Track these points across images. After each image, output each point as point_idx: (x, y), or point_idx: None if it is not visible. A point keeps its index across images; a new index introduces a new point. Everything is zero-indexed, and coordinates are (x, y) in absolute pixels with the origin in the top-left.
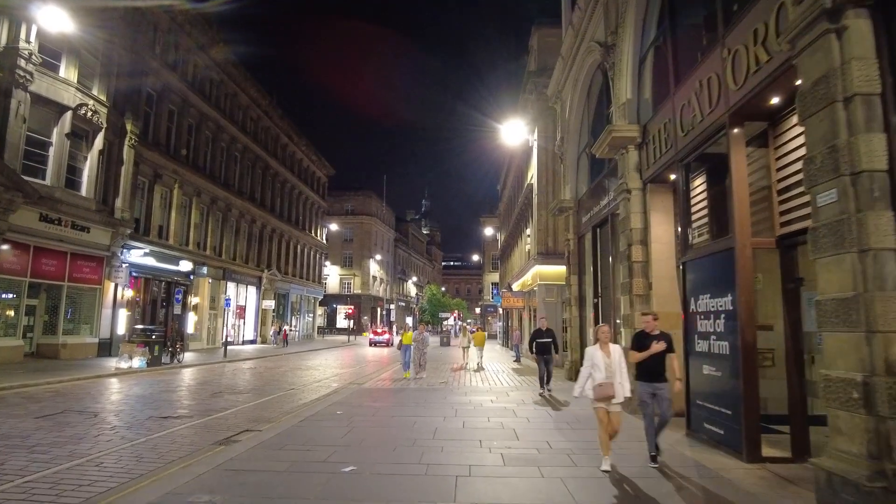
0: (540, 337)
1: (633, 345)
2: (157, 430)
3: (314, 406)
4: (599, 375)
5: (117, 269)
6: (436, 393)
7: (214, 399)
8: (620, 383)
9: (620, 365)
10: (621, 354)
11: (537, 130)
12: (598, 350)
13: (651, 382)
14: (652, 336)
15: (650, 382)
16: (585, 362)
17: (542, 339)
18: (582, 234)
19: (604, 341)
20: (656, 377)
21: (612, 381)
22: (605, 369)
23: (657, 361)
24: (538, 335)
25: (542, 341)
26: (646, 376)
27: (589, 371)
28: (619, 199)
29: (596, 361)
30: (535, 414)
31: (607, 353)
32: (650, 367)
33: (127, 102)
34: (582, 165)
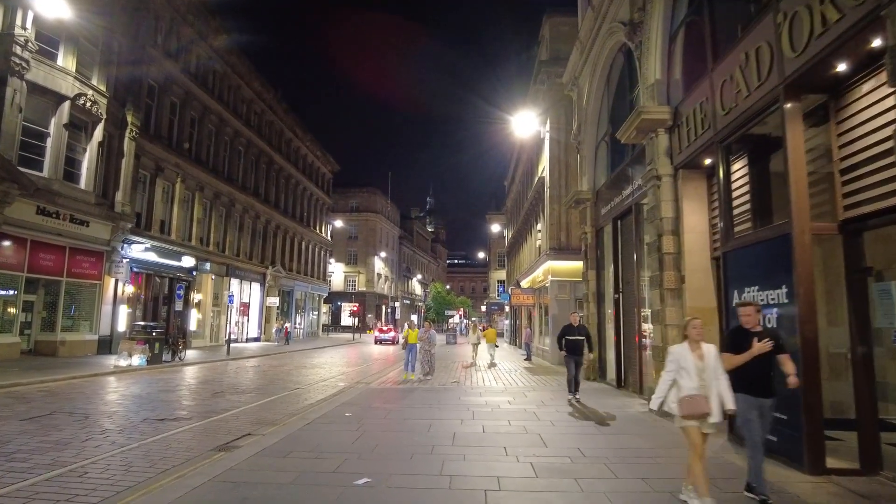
0: (570, 334)
1: (727, 345)
2: (151, 435)
3: (321, 407)
4: (689, 384)
5: (118, 265)
6: (449, 393)
7: (216, 399)
8: (719, 395)
9: (717, 371)
10: (718, 357)
11: (549, 121)
12: (687, 351)
13: (755, 396)
14: (753, 333)
15: (754, 395)
16: (669, 365)
17: (572, 336)
18: (601, 227)
19: (695, 339)
20: (762, 389)
21: (705, 394)
22: (696, 376)
23: (762, 367)
24: (568, 331)
25: (573, 339)
26: (747, 387)
27: (673, 377)
28: (647, 186)
29: (685, 365)
30: (558, 417)
31: (700, 356)
32: (753, 375)
33: (128, 93)
34: (600, 155)
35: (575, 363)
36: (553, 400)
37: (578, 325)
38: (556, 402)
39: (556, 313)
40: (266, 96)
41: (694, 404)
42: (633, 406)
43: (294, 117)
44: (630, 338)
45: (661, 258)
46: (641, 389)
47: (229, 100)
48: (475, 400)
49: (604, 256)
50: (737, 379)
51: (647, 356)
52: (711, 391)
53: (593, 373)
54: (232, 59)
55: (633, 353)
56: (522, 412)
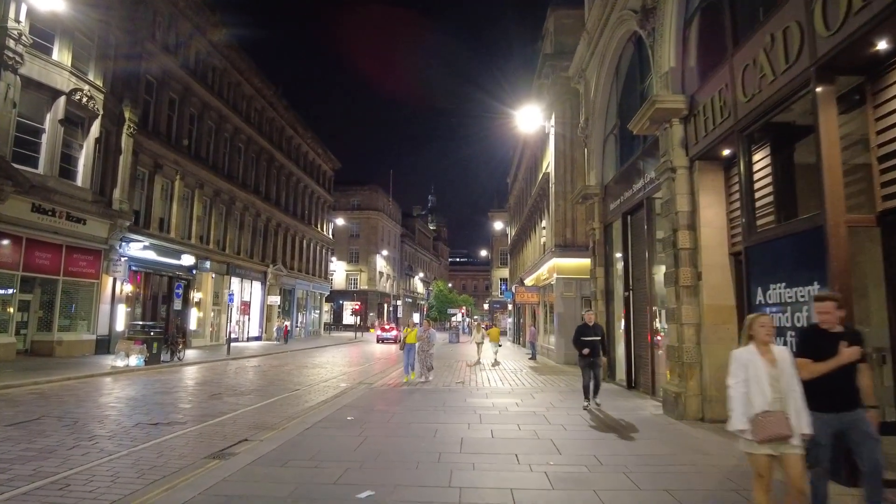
0: (586, 334)
1: (803, 349)
2: (142, 441)
3: (321, 410)
4: (761, 399)
5: (116, 263)
6: (454, 394)
7: (213, 401)
8: (797, 412)
9: (792, 382)
10: (792, 364)
11: (554, 116)
12: (756, 355)
13: (835, 412)
14: (835, 334)
15: (835, 412)
16: (735, 375)
17: (588, 336)
18: (609, 223)
19: (763, 341)
20: (845, 402)
21: (783, 410)
22: (770, 387)
23: (846, 376)
24: (583, 332)
25: (588, 340)
26: (824, 401)
27: (743, 390)
28: (660, 179)
29: (755, 373)
30: (569, 420)
31: (771, 361)
32: (833, 386)
33: (125, 89)
34: (609, 149)
35: (591, 366)
36: (562, 402)
37: (593, 325)
38: (566, 404)
39: (561, 311)
40: (266, 93)
41: (772, 424)
42: (647, 408)
43: (295, 114)
44: (641, 337)
45: (677, 254)
46: (654, 390)
47: (229, 96)
48: (482, 402)
49: (613, 253)
50: (811, 392)
51: (659, 356)
52: (789, 406)
53: (603, 373)
54: (232, 54)
55: (645, 353)
56: (532, 415)
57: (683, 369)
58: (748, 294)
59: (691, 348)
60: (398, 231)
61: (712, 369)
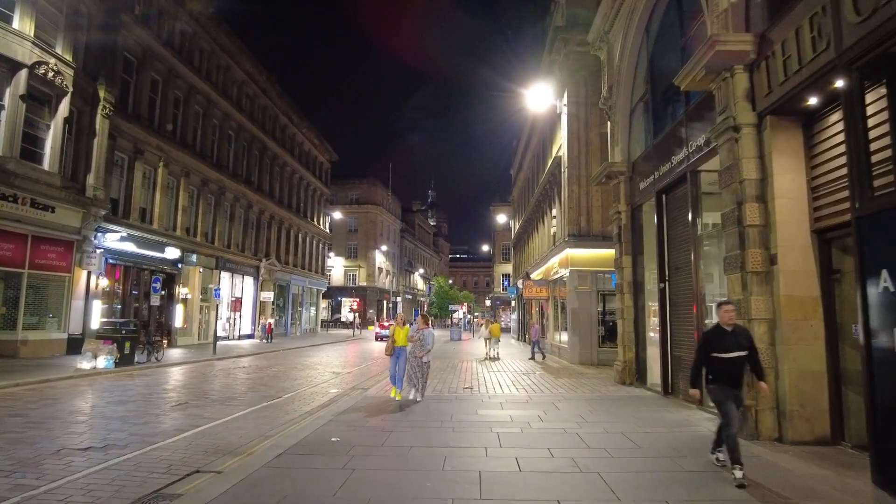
0: (723, 345)
1: None
2: (53, 477)
3: (302, 426)
4: None
5: (90, 255)
6: (463, 404)
7: (173, 414)
8: None
9: None
10: None
11: (566, 94)
12: None
13: None
14: None
15: None
16: None
17: (726, 349)
18: (638, 205)
19: None
20: None
21: None
22: None
23: None
24: (719, 341)
25: (728, 358)
26: None
27: None
28: (718, 142)
29: None
30: (611, 442)
31: None
32: None
33: (100, 66)
34: (637, 121)
35: (733, 400)
36: (594, 414)
37: (732, 329)
38: (599, 416)
39: (575, 307)
40: (259, 78)
41: None
42: (699, 423)
43: (289, 102)
44: (682, 335)
45: (742, 232)
46: (701, 400)
47: (218, 80)
48: (497, 415)
49: (642, 239)
50: None
51: None
52: None
53: (629, 375)
54: (220, 37)
55: (689, 354)
56: (562, 434)
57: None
58: (862, 281)
59: (763, 350)
60: (398, 226)
61: (792, 376)
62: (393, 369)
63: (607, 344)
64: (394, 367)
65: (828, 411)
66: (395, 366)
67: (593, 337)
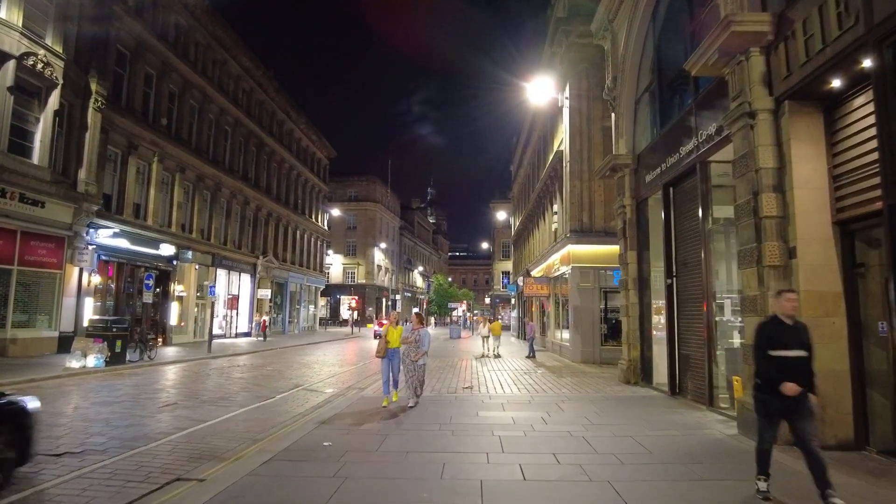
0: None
1: None
2: (18, 489)
3: (294, 429)
4: None
5: (82, 252)
6: (462, 405)
7: (160, 415)
8: None
9: None
10: None
11: (568, 87)
12: None
13: None
14: None
15: None
16: None
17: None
18: (644, 198)
19: None
20: None
21: None
22: None
23: None
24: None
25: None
26: None
27: None
28: (731, 129)
29: None
30: (620, 447)
31: None
32: None
33: (92, 58)
34: (642, 112)
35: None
36: (600, 416)
37: (794, 324)
38: (607, 419)
39: (577, 304)
40: (255, 73)
41: None
42: (711, 425)
43: (286, 97)
44: (690, 333)
45: (759, 224)
46: (711, 400)
47: (214, 75)
48: (498, 416)
49: (647, 234)
50: None
51: (719, 356)
52: None
53: (634, 375)
54: (216, 30)
55: (698, 353)
56: (567, 438)
57: None
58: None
59: None
60: (397, 223)
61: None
62: (386, 373)
63: (610, 342)
64: (386, 370)
65: (851, 414)
66: (387, 370)
67: (596, 335)
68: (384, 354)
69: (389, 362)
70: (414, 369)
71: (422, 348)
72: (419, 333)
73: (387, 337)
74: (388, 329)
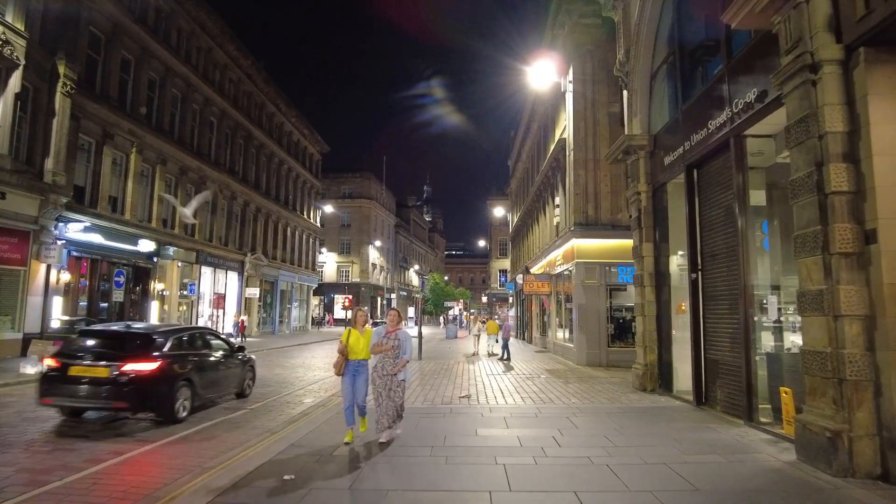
0: None
1: None
2: None
3: (250, 456)
4: None
5: (49, 247)
6: (460, 420)
7: (101, 435)
8: None
9: None
10: None
11: (572, 71)
12: None
13: None
14: None
15: None
16: None
17: None
18: (661, 184)
19: None
20: None
21: None
22: None
23: None
24: None
25: None
26: None
27: None
28: (786, 89)
29: None
30: (656, 479)
31: None
32: None
33: (60, 39)
34: (659, 88)
35: None
36: (622, 433)
37: None
38: (629, 437)
39: (582, 303)
40: (243, 62)
41: None
42: (757, 447)
43: (276, 89)
44: (720, 334)
45: (824, 203)
46: (750, 414)
47: (199, 63)
48: (501, 436)
49: (667, 223)
50: None
51: (755, 361)
52: None
53: (651, 381)
54: (200, 15)
55: (731, 357)
56: (588, 467)
57: (844, 391)
58: None
59: (857, 357)
60: (392, 221)
61: None
62: (349, 397)
63: (617, 343)
64: (349, 393)
65: None
66: (352, 391)
67: (602, 336)
68: (344, 370)
69: (353, 381)
70: (389, 388)
71: (402, 356)
72: (398, 337)
73: (348, 345)
74: (350, 335)
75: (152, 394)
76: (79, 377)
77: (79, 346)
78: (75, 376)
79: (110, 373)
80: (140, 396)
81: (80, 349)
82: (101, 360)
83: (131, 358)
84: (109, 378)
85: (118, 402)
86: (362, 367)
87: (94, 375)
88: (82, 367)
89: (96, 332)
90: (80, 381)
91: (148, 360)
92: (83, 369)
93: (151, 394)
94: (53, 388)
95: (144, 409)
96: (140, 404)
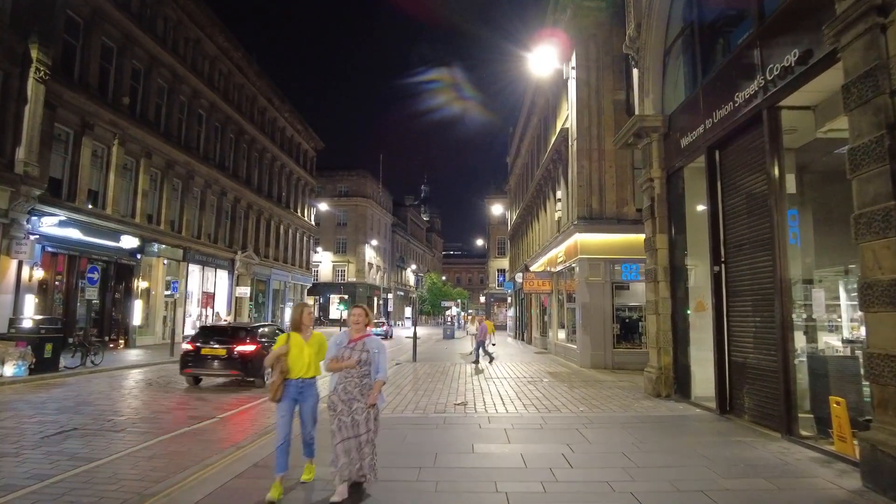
0: None
1: None
2: None
3: (205, 478)
4: None
5: (20, 242)
6: (454, 433)
7: (42, 449)
8: None
9: None
10: None
11: (575, 58)
12: None
13: None
14: None
15: None
16: None
17: None
18: (677, 169)
19: None
20: None
21: None
22: None
23: None
24: None
25: None
26: None
27: None
28: (842, 41)
29: None
30: None
31: None
32: None
33: (32, 22)
34: (673, 65)
35: None
36: (641, 449)
37: None
38: (651, 454)
39: (586, 301)
40: (234, 54)
41: None
42: (808, 469)
43: (269, 83)
44: (746, 334)
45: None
46: (789, 427)
47: (186, 54)
48: (502, 453)
49: (683, 212)
50: None
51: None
52: None
53: (666, 386)
54: (188, 4)
55: (764, 360)
56: (608, 495)
57: None
58: None
59: None
60: (389, 220)
61: None
62: (284, 431)
63: (623, 344)
64: (286, 426)
65: None
66: (290, 421)
67: (607, 336)
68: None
69: (293, 407)
70: (354, 420)
71: (377, 376)
72: (366, 348)
73: (285, 360)
74: (286, 340)
75: (253, 366)
76: (206, 356)
77: (205, 336)
78: (205, 355)
79: (227, 352)
80: (246, 367)
81: (206, 337)
82: (221, 344)
83: (240, 342)
84: (227, 356)
85: (233, 370)
86: (308, 387)
87: (217, 354)
88: (209, 349)
89: (214, 327)
90: (208, 357)
91: (251, 343)
92: (210, 350)
93: (253, 366)
94: (191, 363)
95: (248, 375)
96: (246, 372)
